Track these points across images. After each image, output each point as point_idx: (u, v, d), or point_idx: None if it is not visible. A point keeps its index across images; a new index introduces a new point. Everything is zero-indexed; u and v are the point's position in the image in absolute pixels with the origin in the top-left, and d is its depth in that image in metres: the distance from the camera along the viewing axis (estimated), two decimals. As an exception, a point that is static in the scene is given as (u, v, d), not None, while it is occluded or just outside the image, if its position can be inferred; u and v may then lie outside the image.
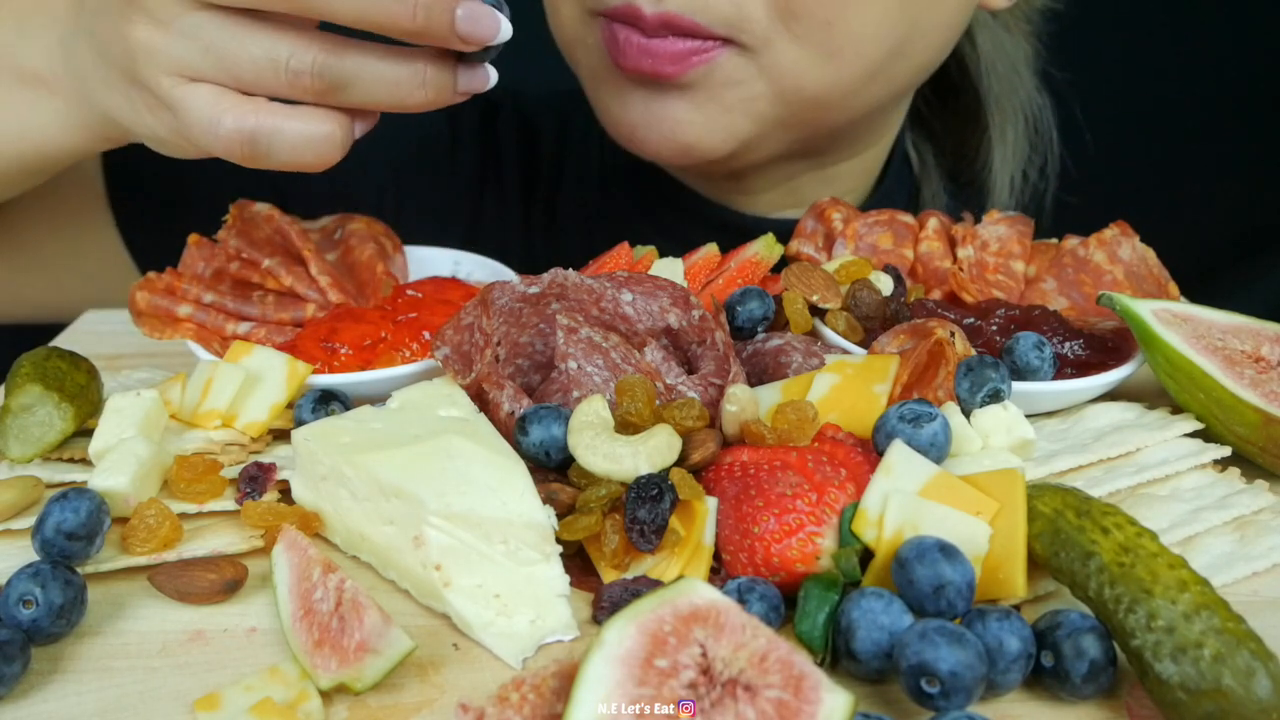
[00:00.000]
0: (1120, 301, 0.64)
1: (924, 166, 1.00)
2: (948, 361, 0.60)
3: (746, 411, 0.54)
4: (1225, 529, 0.54)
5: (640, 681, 0.39)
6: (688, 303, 0.62)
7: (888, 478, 0.50)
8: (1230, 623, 0.41)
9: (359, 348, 0.67)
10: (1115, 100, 1.45)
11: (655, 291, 0.62)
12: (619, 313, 0.61)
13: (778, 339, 0.64)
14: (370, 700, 0.45)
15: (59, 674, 0.47)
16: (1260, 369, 0.61)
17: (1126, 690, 0.45)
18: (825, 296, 0.68)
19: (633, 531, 0.49)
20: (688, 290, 0.62)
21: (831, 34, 0.74)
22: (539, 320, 0.61)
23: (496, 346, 0.60)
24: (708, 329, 0.61)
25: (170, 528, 0.53)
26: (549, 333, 0.61)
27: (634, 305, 0.61)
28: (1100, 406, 0.64)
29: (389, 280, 0.74)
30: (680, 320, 0.61)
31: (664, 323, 0.62)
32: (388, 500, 0.50)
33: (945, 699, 0.42)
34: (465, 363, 0.61)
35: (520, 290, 0.61)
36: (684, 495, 0.50)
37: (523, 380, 0.61)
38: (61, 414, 0.60)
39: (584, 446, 0.52)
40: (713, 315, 0.61)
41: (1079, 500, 0.48)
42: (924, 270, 0.77)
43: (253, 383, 0.62)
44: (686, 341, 0.62)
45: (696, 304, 0.61)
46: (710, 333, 0.61)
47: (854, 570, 0.48)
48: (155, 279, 0.72)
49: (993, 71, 0.97)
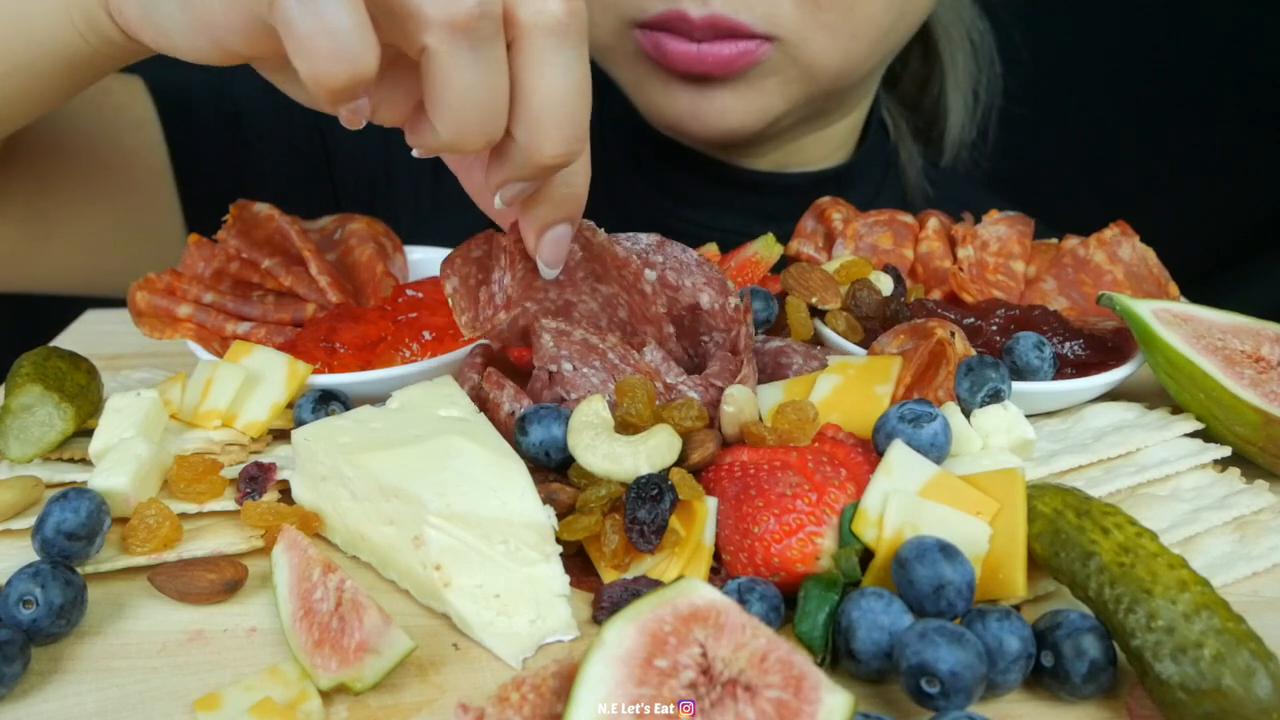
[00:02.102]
0: (1120, 301, 0.64)
1: (898, 130, 1.07)
2: (948, 361, 0.60)
3: (745, 412, 0.54)
4: (1225, 529, 0.54)
5: (640, 681, 0.39)
6: (725, 288, 0.61)
7: (888, 478, 0.50)
8: (1230, 623, 0.41)
9: (359, 348, 0.67)
10: (1115, 101, 1.46)
11: (688, 267, 0.61)
12: (638, 288, 0.60)
13: (778, 341, 0.64)
14: (370, 700, 0.45)
15: (59, 674, 0.47)
16: (1260, 369, 0.61)
17: (1126, 690, 0.45)
18: (824, 298, 0.68)
19: (633, 532, 0.49)
20: (725, 276, 0.61)
21: (851, 17, 0.82)
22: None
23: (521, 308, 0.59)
24: (738, 322, 0.60)
25: (170, 528, 0.53)
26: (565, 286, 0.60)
27: (655, 283, 0.60)
28: (1100, 406, 0.64)
29: (389, 280, 0.74)
30: (713, 302, 0.60)
31: (693, 299, 0.60)
32: (388, 500, 0.50)
33: (945, 699, 0.42)
34: (471, 300, 0.59)
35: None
36: (684, 495, 0.50)
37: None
38: (61, 414, 0.60)
39: (584, 446, 0.52)
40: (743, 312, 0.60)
41: (1079, 500, 0.48)
42: (924, 270, 0.77)
43: (253, 383, 0.62)
44: (709, 327, 0.61)
45: (734, 292, 0.61)
46: (739, 327, 0.60)
47: (854, 570, 0.48)
48: (155, 279, 0.72)
49: (942, 5, 1.04)
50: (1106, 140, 1.40)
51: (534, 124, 0.48)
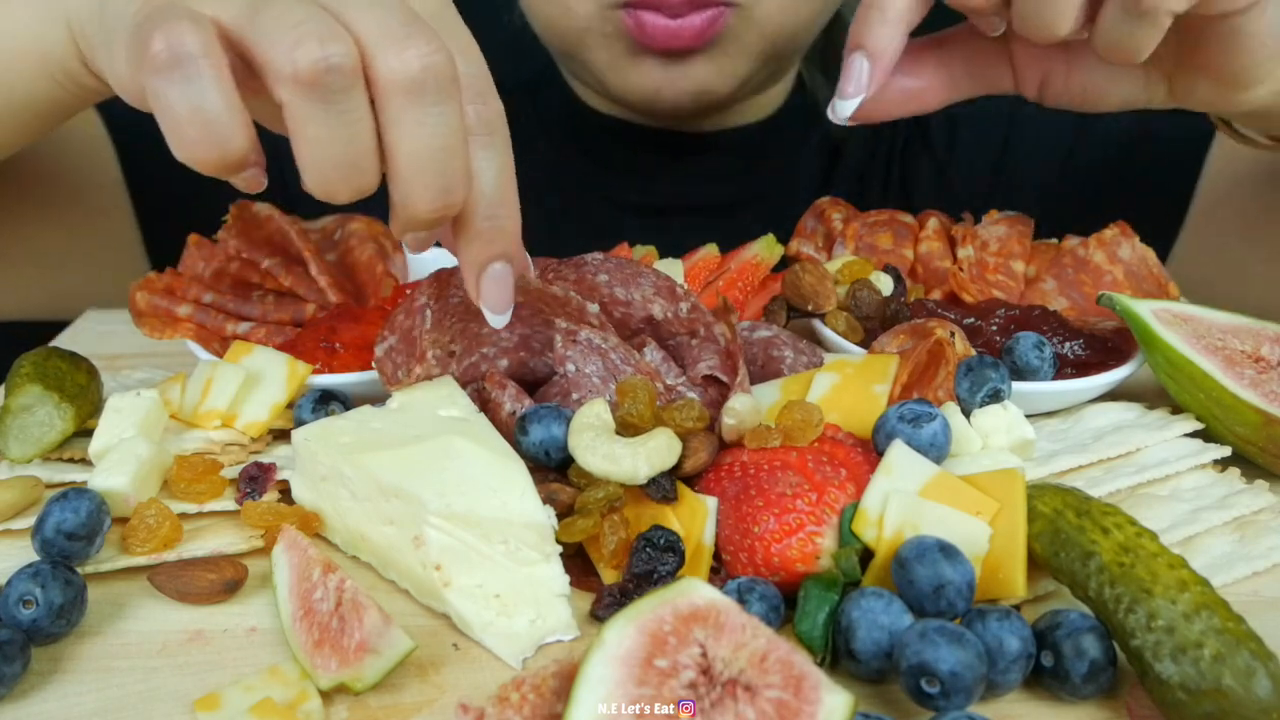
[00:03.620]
0: (1120, 301, 0.64)
1: (813, 80, 1.10)
2: (948, 361, 0.60)
3: (746, 423, 0.54)
4: (1225, 529, 0.54)
5: (640, 681, 0.39)
6: (674, 293, 0.60)
7: (888, 478, 0.50)
8: (1230, 623, 0.41)
9: (359, 348, 0.67)
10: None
11: (636, 279, 0.60)
12: (586, 320, 0.59)
13: (764, 330, 0.64)
14: (370, 700, 0.45)
15: (59, 674, 0.47)
16: (1260, 369, 0.61)
17: (1126, 690, 0.45)
18: (819, 303, 0.68)
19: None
20: (674, 281, 0.60)
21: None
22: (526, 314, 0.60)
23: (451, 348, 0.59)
24: (700, 321, 0.59)
25: (170, 528, 0.53)
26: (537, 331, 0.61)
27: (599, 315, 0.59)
28: (1100, 406, 0.64)
29: (389, 280, 0.74)
30: (666, 311, 0.60)
31: (645, 312, 0.60)
32: (388, 500, 0.50)
33: (945, 699, 0.42)
34: (410, 352, 0.60)
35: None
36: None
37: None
38: (61, 414, 0.60)
39: (583, 447, 0.52)
40: (722, 315, 0.59)
41: (1079, 500, 0.48)
42: (924, 270, 0.77)
43: (253, 383, 0.62)
44: (671, 333, 0.60)
45: (685, 295, 0.60)
46: (704, 325, 0.59)
47: (854, 570, 0.48)
48: (155, 279, 0.72)
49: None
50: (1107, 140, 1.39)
51: (401, 181, 0.47)
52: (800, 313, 0.70)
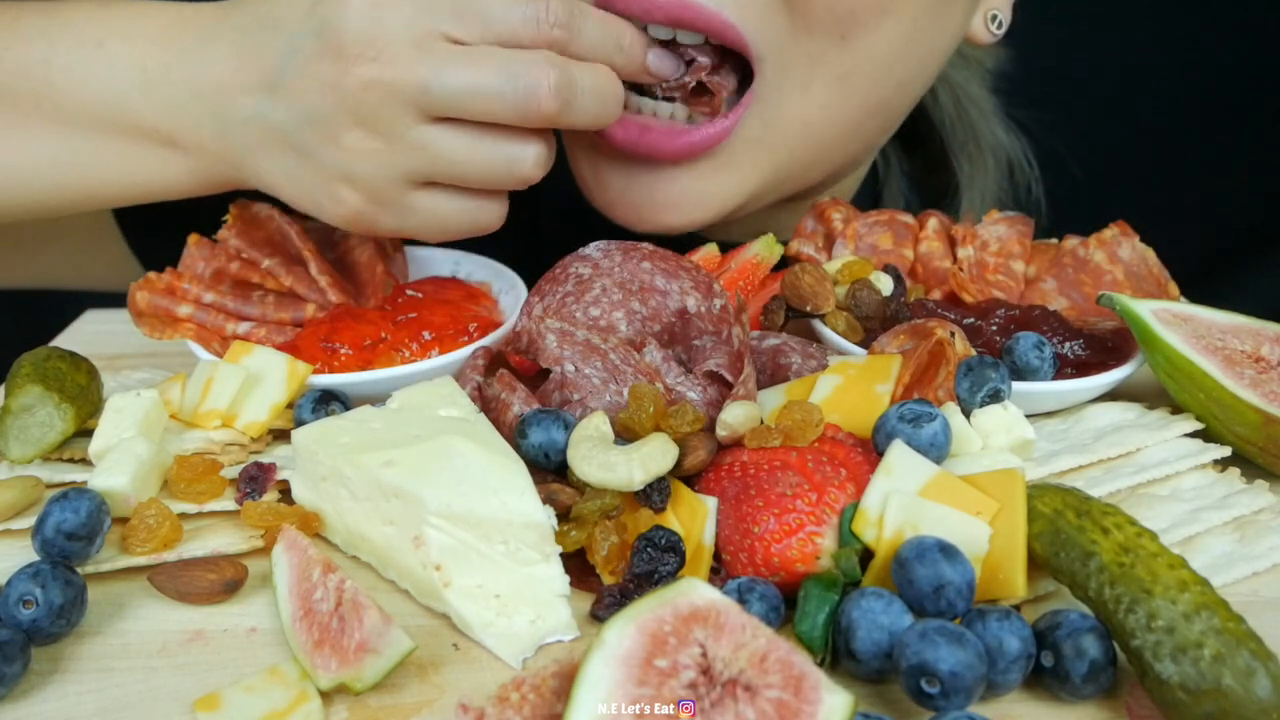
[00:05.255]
0: (1120, 301, 0.64)
1: (888, 169, 0.98)
2: (948, 361, 0.60)
3: (739, 432, 0.53)
4: (1225, 529, 0.54)
5: (640, 682, 0.39)
6: (710, 289, 0.61)
7: (888, 478, 0.50)
8: (1230, 623, 0.41)
9: (359, 348, 0.67)
10: (1115, 100, 1.45)
11: (677, 271, 0.62)
12: (653, 285, 0.61)
13: (774, 338, 0.64)
14: (370, 700, 0.45)
15: (59, 674, 0.47)
16: (1260, 369, 0.61)
17: (1126, 690, 0.45)
18: (817, 304, 0.68)
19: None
20: (712, 278, 0.61)
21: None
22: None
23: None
24: (726, 322, 0.60)
25: (170, 528, 0.53)
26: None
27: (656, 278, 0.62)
28: (1100, 406, 0.64)
29: (389, 280, 0.74)
30: (700, 305, 0.61)
31: (680, 304, 0.61)
32: (388, 500, 0.50)
33: (945, 699, 0.42)
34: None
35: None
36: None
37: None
38: (61, 414, 0.60)
39: (579, 458, 0.52)
40: (737, 314, 0.60)
41: (1079, 500, 0.48)
42: (924, 270, 0.77)
43: (253, 383, 0.62)
44: (698, 330, 0.61)
45: (720, 293, 0.61)
46: (728, 326, 0.60)
47: (854, 570, 0.48)
48: (155, 279, 0.72)
49: (956, 121, 0.97)
50: (1106, 140, 1.40)
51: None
52: (799, 313, 0.70)
